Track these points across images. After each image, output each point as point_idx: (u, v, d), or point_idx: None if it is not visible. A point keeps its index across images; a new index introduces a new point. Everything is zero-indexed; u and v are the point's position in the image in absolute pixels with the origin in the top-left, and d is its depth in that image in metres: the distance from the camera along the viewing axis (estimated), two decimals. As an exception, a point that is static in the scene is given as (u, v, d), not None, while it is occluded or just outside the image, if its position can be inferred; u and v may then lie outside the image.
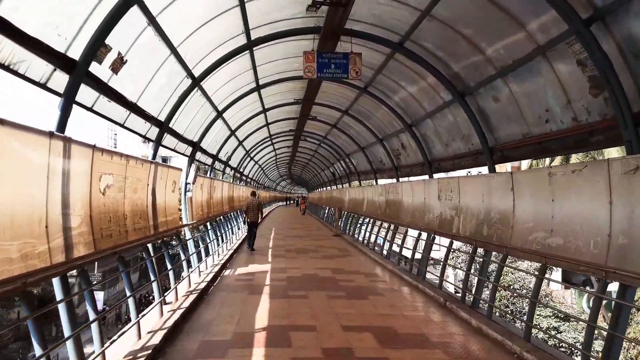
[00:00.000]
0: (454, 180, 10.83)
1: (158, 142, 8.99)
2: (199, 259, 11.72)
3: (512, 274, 23.68)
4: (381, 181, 19.52)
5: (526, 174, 9.27)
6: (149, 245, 8.28)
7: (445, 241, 15.86)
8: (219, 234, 15.50)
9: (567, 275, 29.01)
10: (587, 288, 25.14)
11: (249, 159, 25.85)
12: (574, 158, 21.50)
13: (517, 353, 6.14)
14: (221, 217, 17.69)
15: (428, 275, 11.56)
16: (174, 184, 9.97)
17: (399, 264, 13.48)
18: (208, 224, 14.34)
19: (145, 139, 8.80)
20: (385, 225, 17.00)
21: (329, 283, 10.72)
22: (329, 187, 39.21)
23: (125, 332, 5.93)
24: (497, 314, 8.72)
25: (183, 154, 12.07)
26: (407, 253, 17.17)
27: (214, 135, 14.56)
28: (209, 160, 15.63)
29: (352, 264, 13.93)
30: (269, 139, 23.94)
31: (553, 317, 21.68)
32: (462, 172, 12.22)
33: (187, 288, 9.42)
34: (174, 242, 11.07)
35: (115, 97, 6.96)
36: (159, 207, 9.03)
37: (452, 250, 11.31)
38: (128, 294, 6.60)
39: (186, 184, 11.94)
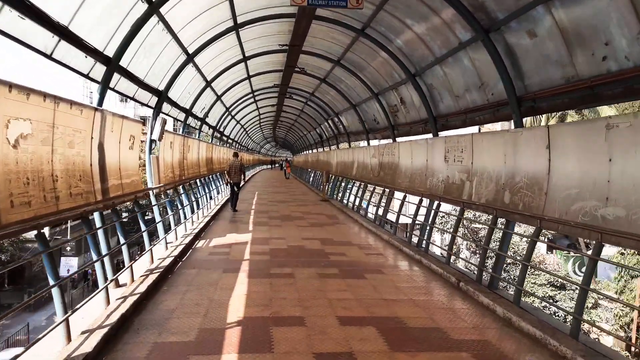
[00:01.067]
0: (465, 138, 9.23)
1: (105, 85, 7.10)
2: (167, 229, 10.07)
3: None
4: (374, 142, 17.88)
5: (571, 127, 7.65)
6: (96, 215, 6.58)
7: (444, 208, 14.46)
8: (193, 199, 13.80)
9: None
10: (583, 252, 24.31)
11: (229, 117, 23.82)
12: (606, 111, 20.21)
13: (568, 357, 4.72)
14: (197, 181, 15.94)
15: (431, 248, 10.15)
16: (132, 139, 8.17)
17: (394, 234, 12.03)
18: (180, 188, 12.61)
19: (88, 78, 6.90)
20: (379, 190, 15.50)
21: (318, 257, 9.21)
22: (315, 150, 37.46)
23: (45, 335, 4.29)
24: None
25: (147, 105, 10.17)
26: (405, 221, 15.84)
27: (186, 86, 12.60)
28: (182, 116, 13.71)
29: (343, 233, 12.44)
30: (251, 95, 21.85)
31: (548, 286, 20.85)
32: (468, 131, 10.52)
33: (149, 265, 7.81)
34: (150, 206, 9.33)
35: (35, 15, 5.07)
36: (111, 168, 7.27)
37: (460, 219, 9.85)
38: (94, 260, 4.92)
39: (151, 141, 10.13)
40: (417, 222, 10.99)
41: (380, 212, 14.38)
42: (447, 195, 9.69)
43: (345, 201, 20.17)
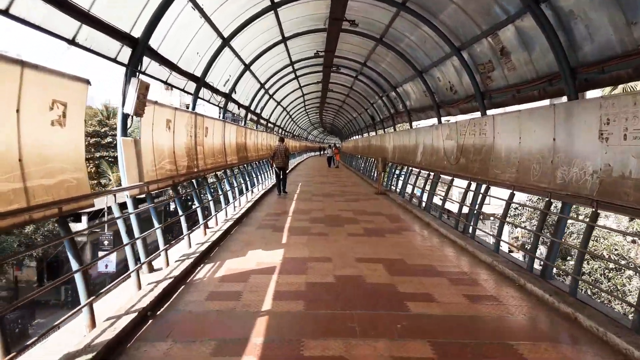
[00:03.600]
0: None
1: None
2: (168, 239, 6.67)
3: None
4: (447, 120, 13.70)
5: None
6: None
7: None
8: (209, 199, 10.38)
9: None
10: None
11: (267, 96, 20.28)
12: None
13: None
14: (221, 172, 12.54)
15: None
16: (57, 107, 4.66)
17: (496, 251, 8.01)
18: (177, 190, 9.18)
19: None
20: (461, 183, 11.44)
21: (388, 304, 5.42)
22: (366, 134, 33.41)
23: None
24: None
25: (184, 90, 6.85)
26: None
27: (225, 70, 9.23)
28: (192, 88, 10.27)
29: (416, 249, 8.54)
30: (290, 66, 18.08)
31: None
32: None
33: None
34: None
35: None
36: None
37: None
38: None
39: (124, 116, 6.66)
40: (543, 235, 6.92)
41: (463, 212, 10.36)
42: (613, 200, 5.55)
43: (406, 195, 16.18)
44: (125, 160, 6.50)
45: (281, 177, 16.50)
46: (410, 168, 17.01)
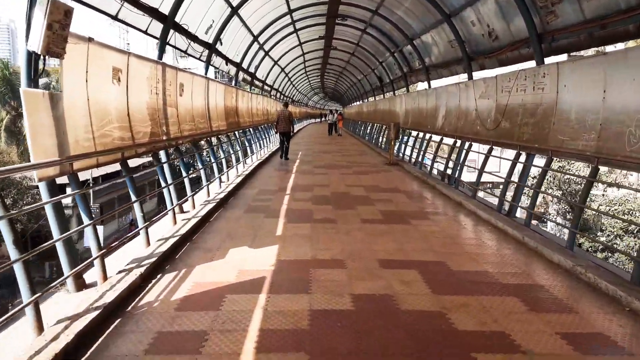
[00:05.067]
0: None
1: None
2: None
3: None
4: (480, 74, 11.25)
5: None
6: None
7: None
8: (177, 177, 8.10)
9: None
10: None
11: (262, 52, 17.66)
12: None
13: None
14: (207, 140, 10.26)
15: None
16: None
17: (572, 249, 5.81)
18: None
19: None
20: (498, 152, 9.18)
21: (441, 353, 3.30)
22: (372, 98, 30.79)
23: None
24: None
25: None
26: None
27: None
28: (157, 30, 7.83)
29: (457, 247, 6.35)
30: (288, 15, 15.34)
31: None
32: None
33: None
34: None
35: None
36: None
37: None
38: None
39: (28, 55, 4.34)
40: None
41: (509, 193, 8.16)
42: None
43: (427, 167, 13.96)
44: (30, 123, 4.20)
45: (285, 142, 16.21)
46: (427, 135, 14.69)
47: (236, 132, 14.95)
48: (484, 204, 8.72)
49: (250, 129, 17.96)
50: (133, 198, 5.95)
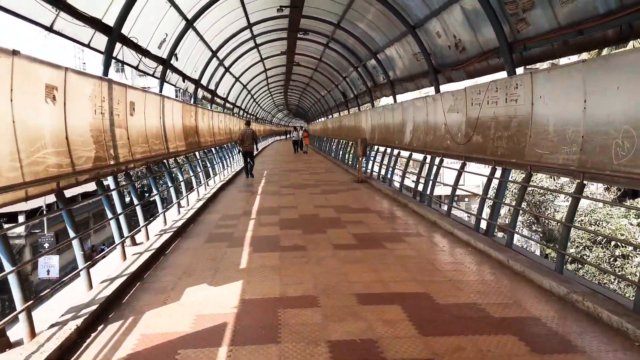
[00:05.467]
0: None
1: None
2: None
3: None
4: (447, 87, 10.98)
5: None
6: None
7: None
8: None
9: None
10: None
11: (222, 69, 16.98)
12: None
13: None
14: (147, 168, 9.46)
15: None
16: None
17: (561, 270, 5.40)
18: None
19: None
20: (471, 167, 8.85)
21: None
22: (336, 114, 30.53)
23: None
24: None
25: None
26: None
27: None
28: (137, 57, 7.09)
29: (439, 274, 5.82)
30: (248, 29, 14.76)
31: None
32: None
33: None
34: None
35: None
36: None
37: None
38: None
39: None
40: None
41: (486, 209, 7.79)
42: None
43: (396, 184, 13.58)
44: None
45: (248, 161, 16.47)
46: (395, 150, 14.36)
47: (197, 153, 14.17)
48: (461, 223, 8.31)
49: (213, 149, 17.18)
50: (71, 234, 5.14)
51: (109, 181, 6.94)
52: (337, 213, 9.55)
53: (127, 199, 20.55)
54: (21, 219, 28.87)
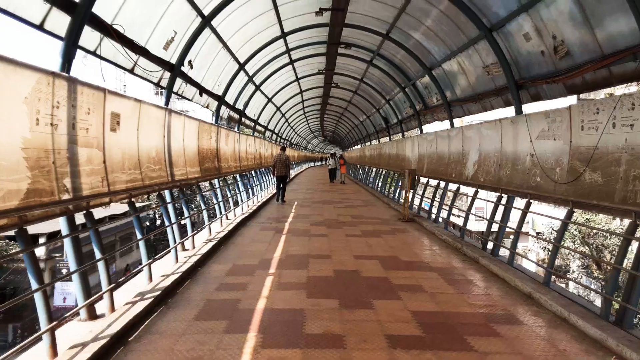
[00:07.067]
0: None
1: None
2: None
3: None
4: (530, 107, 8.43)
5: None
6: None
7: None
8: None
9: None
10: None
11: (252, 86, 15.02)
12: None
13: None
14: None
15: None
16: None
17: None
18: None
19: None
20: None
21: None
22: (375, 141, 28.13)
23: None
24: None
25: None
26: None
27: None
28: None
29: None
30: (281, 39, 12.73)
31: None
32: None
33: None
34: None
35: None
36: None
37: None
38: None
39: None
40: None
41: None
42: None
43: (452, 226, 10.97)
44: None
45: (281, 186, 16.55)
46: (452, 185, 11.81)
47: (217, 181, 12.07)
48: (572, 300, 5.63)
49: (237, 176, 15.10)
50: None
51: (61, 224, 4.77)
52: (385, 269, 7.06)
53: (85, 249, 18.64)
54: (42, 239, 27.65)
